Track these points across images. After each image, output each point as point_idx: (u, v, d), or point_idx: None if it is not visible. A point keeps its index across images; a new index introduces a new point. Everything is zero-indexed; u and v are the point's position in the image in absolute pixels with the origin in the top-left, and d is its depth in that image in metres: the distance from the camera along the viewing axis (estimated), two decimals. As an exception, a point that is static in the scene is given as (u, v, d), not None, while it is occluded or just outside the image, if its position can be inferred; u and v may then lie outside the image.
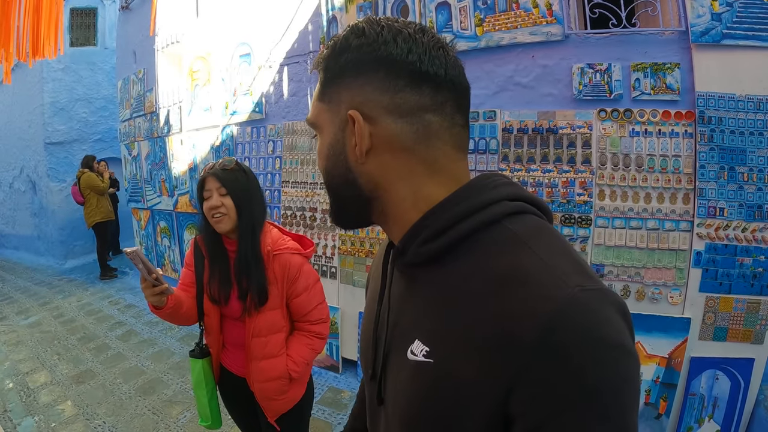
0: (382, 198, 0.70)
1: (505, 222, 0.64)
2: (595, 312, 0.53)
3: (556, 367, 0.51)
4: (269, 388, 1.91)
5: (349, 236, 3.91)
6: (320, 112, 0.72)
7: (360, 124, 0.66)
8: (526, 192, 0.70)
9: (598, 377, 0.50)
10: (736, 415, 2.83)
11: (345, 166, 0.69)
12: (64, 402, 3.80)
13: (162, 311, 1.83)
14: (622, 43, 2.85)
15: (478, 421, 0.57)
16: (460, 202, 0.65)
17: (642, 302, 2.87)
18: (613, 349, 0.52)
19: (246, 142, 4.78)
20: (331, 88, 0.70)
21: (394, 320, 0.74)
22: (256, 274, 1.86)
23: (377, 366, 0.77)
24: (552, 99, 3.03)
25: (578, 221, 2.96)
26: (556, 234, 0.65)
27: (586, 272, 0.58)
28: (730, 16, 2.65)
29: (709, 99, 2.70)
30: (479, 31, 3.19)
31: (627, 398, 0.53)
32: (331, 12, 3.95)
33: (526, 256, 0.59)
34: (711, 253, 2.76)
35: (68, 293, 7.04)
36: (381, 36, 0.65)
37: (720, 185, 2.73)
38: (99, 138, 9.53)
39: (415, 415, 0.65)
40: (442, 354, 0.61)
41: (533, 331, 0.52)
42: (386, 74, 0.65)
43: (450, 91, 0.67)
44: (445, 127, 0.68)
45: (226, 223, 1.86)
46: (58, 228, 9.07)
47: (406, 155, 0.67)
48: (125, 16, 6.99)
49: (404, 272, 0.74)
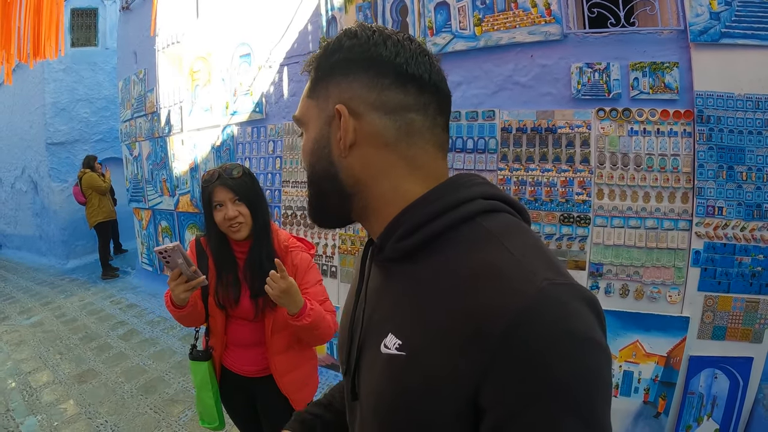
0: (362, 193, 0.72)
1: (479, 219, 0.65)
2: (562, 305, 0.54)
3: (525, 361, 0.51)
4: (295, 379, 1.95)
5: (349, 235, 3.91)
6: (308, 108, 0.76)
7: (346, 117, 0.68)
8: (501, 192, 0.72)
9: (566, 370, 0.51)
10: (735, 413, 2.83)
11: (328, 159, 0.72)
12: (67, 401, 3.82)
13: (183, 310, 1.84)
14: (620, 43, 2.85)
15: (450, 414, 0.57)
16: (436, 200, 0.67)
17: (641, 301, 2.87)
18: (581, 342, 0.52)
19: (246, 142, 4.79)
20: (321, 84, 0.73)
21: (369, 314, 0.75)
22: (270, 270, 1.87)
23: (351, 360, 0.78)
24: (551, 98, 3.03)
25: (577, 220, 2.97)
26: (528, 231, 0.67)
27: (557, 268, 0.59)
28: (729, 15, 2.65)
29: (708, 98, 2.69)
30: (478, 31, 3.19)
31: (596, 391, 0.53)
32: (331, 12, 3.95)
33: (497, 252, 0.60)
34: (710, 252, 2.76)
35: (70, 293, 7.06)
36: (372, 39, 0.69)
37: (719, 184, 2.72)
38: (100, 138, 9.55)
39: (387, 408, 0.65)
40: (414, 347, 0.62)
41: (502, 325, 0.52)
42: (375, 73, 0.68)
43: (433, 94, 0.71)
44: (427, 126, 0.71)
45: (245, 230, 1.86)
46: (59, 228, 9.10)
47: (387, 151, 0.70)
48: (126, 16, 7.01)
49: (381, 268, 0.76)
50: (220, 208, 1.85)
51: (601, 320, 0.57)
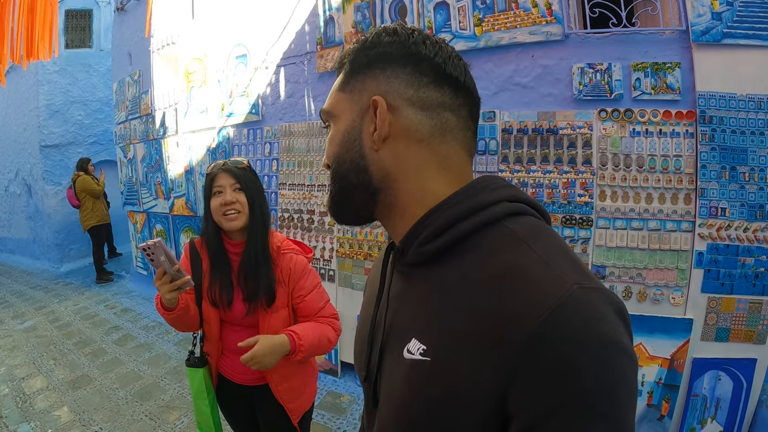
0: (391, 188, 0.72)
1: (505, 222, 0.65)
2: (592, 310, 0.53)
3: (553, 365, 0.51)
4: (291, 387, 1.91)
5: (347, 239, 3.88)
6: (339, 101, 0.75)
7: (383, 110, 0.68)
8: (525, 195, 0.71)
9: (595, 375, 0.50)
10: (739, 415, 2.83)
11: (359, 152, 0.71)
12: (61, 408, 3.76)
13: (172, 313, 1.78)
14: (622, 43, 2.84)
15: (475, 420, 0.56)
16: (462, 202, 0.67)
17: (644, 303, 2.86)
18: (609, 347, 0.52)
19: (242, 144, 4.76)
20: (356, 78, 0.73)
21: (391, 320, 0.75)
22: (264, 272, 1.83)
23: (372, 366, 0.77)
24: (552, 99, 3.02)
25: (579, 222, 2.95)
26: (554, 234, 0.66)
27: (584, 272, 0.58)
28: (731, 15, 2.65)
29: (710, 98, 2.69)
30: (478, 31, 3.17)
31: (623, 396, 0.53)
32: (328, 12, 3.93)
33: (525, 254, 0.60)
34: (713, 253, 2.75)
35: (64, 297, 7.00)
36: (412, 37, 0.70)
37: (721, 185, 2.72)
38: (94, 141, 9.49)
39: (410, 415, 0.64)
40: (440, 352, 0.61)
41: (531, 329, 0.52)
42: (413, 69, 0.69)
43: (466, 96, 0.72)
44: (460, 127, 0.72)
45: (240, 220, 1.82)
46: (53, 231, 9.03)
47: (420, 147, 0.70)
48: (120, 17, 6.97)
49: (403, 272, 0.75)
50: (219, 194, 1.82)
51: (628, 326, 0.57)
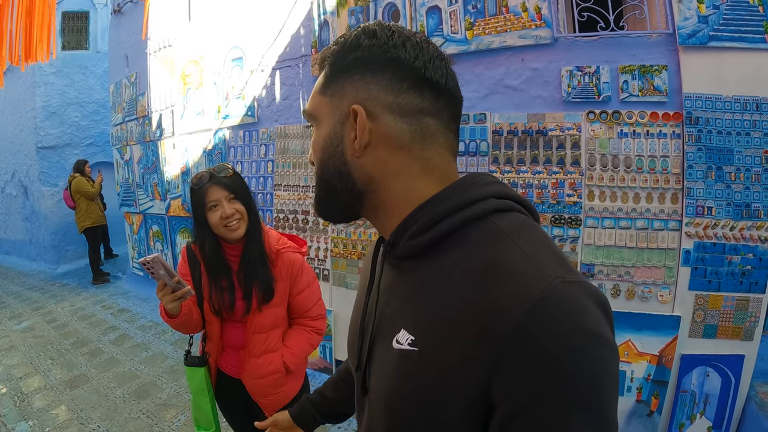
0: (375, 192, 0.73)
1: (492, 218, 0.66)
2: (573, 302, 0.55)
3: (535, 356, 0.52)
4: (265, 383, 1.93)
5: (341, 238, 3.92)
6: (321, 104, 0.75)
7: (362, 119, 0.68)
8: (512, 191, 0.73)
9: (576, 365, 0.52)
10: (728, 411, 2.86)
11: (341, 159, 0.72)
12: (58, 407, 3.79)
13: (176, 319, 1.82)
14: (610, 46, 2.89)
15: (461, 408, 0.58)
16: (450, 198, 0.68)
17: (632, 301, 2.90)
18: (590, 338, 0.54)
19: (238, 146, 4.79)
20: (336, 82, 0.72)
21: (381, 311, 0.77)
22: (262, 272, 1.88)
23: (362, 356, 0.79)
24: (541, 101, 3.06)
25: (568, 222, 2.99)
26: (539, 230, 0.68)
27: (567, 266, 0.60)
28: (717, 19, 2.69)
29: (697, 100, 2.73)
30: (469, 35, 3.21)
31: (605, 385, 0.54)
32: (323, 16, 3.97)
33: (509, 249, 0.61)
34: (700, 251, 2.79)
35: (61, 298, 7.01)
36: (392, 40, 0.69)
37: (708, 185, 2.76)
38: (91, 142, 9.48)
39: (398, 403, 0.66)
40: (427, 343, 0.63)
41: (514, 320, 0.54)
42: (393, 75, 0.69)
43: (448, 99, 0.72)
44: (441, 131, 0.72)
45: (242, 228, 1.85)
46: (50, 232, 9.02)
47: (402, 153, 0.70)
48: (117, 19, 6.99)
49: (393, 265, 0.76)
50: (215, 208, 1.83)
51: (610, 318, 0.59)
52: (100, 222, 7.70)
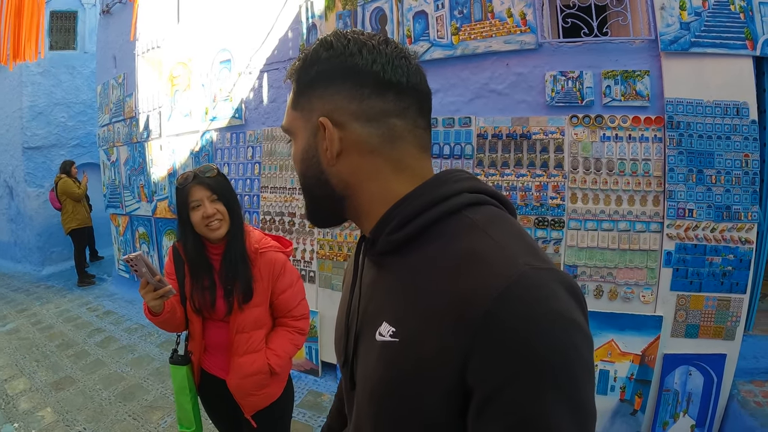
0: (353, 196, 0.75)
1: (465, 212, 0.69)
2: (542, 287, 0.57)
3: (506, 339, 0.54)
4: (248, 383, 1.93)
5: (327, 240, 3.94)
6: (294, 119, 0.77)
7: (330, 130, 0.71)
8: (486, 185, 0.75)
9: (546, 347, 0.54)
10: (710, 409, 2.91)
11: (318, 168, 0.75)
12: (44, 409, 3.76)
13: (159, 317, 1.83)
14: (593, 52, 2.93)
15: (440, 394, 0.61)
16: (425, 194, 0.71)
17: (615, 301, 2.94)
18: (559, 321, 0.55)
19: (225, 148, 4.79)
20: (304, 97, 0.75)
21: (365, 306, 0.79)
22: (243, 272, 1.89)
23: (348, 351, 0.82)
24: (525, 105, 3.11)
25: (551, 224, 3.03)
26: (511, 221, 0.70)
27: (537, 254, 0.62)
28: (699, 25, 2.74)
29: (678, 105, 2.78)
30: (455, 40, 3.25)
31: (577, 368, 0.56)
32: (311, 20, 3.98)
33: (481, 240, 0.64)
34: (681, 252, 2.84)
35: (46, 300, 6.93)
36: (348, 48, 0.71)
37: (689, 187, 2.81)
38: (77, 143, 9.40)
39: (381, 393, 0.69)
40: (406, 332, 0.66)
41: (484, 307, 0.56)
42: (353, 83, 0.70)
43: (412, 96, 0.73)
44: (409, 129, 0.73)
45: (223, 228, 1.87)
46: (35, 234, 8.91)
47: (373, 156, 0.72)
48: (106, 20, 6.95)
49: (374, 261, 0.79)
50: (197, 207, 1.85)
51: (581, 303, 0.60)
52: (86, 224, 7.63)
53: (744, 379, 2.96)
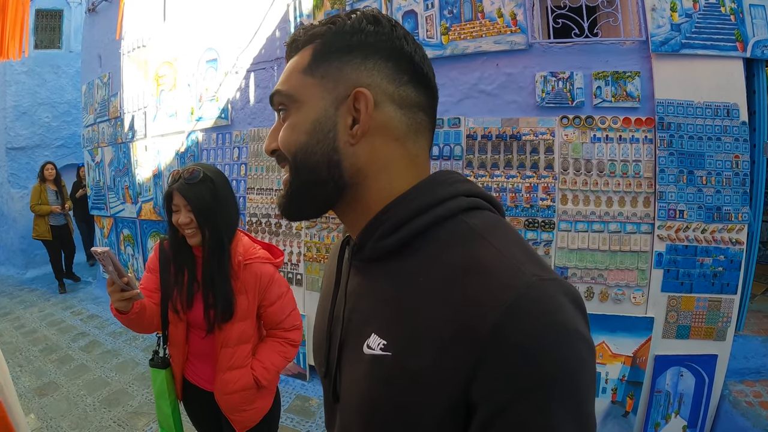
0: (360, 185, 0.69)
1: (462, 216, 0.65)
2: (550, 300, 0.54)
3: (514, 354, 0.52)
4: (235, 399, 1.87)
5: (314, 243, 3.89)
6: (305, 85, 0.69)
7: (370, 103, 0.65)
8: (481, 189, 0.71)
9: (554, 361, 0.52)
10: (702, 410, 2.92)
11: (332, 145, 0.67)
12: (27, 415, 3.66)
13: (126, 316, 1.75)
14: (584, 53, 2.92)
15: (440, 410, 0.57)
16: (419, 197, 0.67)
17: (606, 303, 2.93)
18: (567, 335, 0.53)
19: (211, 149, 4.73)
20: (330, 63, 0.68)
21: (349, 315, 0.74)
22: (222, 289, 1.80)
23: (331, 362, 0.76)
24: (515, 106, 3.09)
25: (542, 225, 3.01)
26: (510, 227, 0.67)
27: (541, 263, 0.60)
28: (689, 27, 2.75)
29: (668, 106, 2.78)
30: (445, 40, 3.22)
31: (582, 381, 0.54)
32: (299, 19, 3.94)
33: (483, 247, 0.60)
34: (672, 254, 2.85)
35: (29, 303, 6.82)
36: (395, 31, 0.68)
37: (679, 188, 2.81)
38: (62, 144, 9.27)
39: (374, 409, 0.64)
40: (401, 347, 0.62)
41: (492, 320, 0.53)
42: (395, 66, 0.67)
43: (433, 98, 0.72)
44: (428, 128, 0.73)
45: (198, 238, 1.80)
46: (18, 236, 8.77)
47: (397, 145, 0.69)
48: (91, 18, 6.85)
49: (360, 267, 0.74)
50: (176, 211, 1.80)
51: (584, 314, 0.58)
52: (44, 237, 7.19)
53: (735, 379, 2.97)
